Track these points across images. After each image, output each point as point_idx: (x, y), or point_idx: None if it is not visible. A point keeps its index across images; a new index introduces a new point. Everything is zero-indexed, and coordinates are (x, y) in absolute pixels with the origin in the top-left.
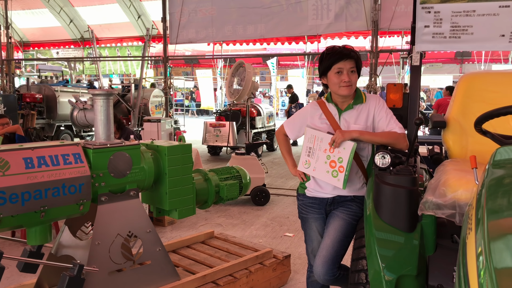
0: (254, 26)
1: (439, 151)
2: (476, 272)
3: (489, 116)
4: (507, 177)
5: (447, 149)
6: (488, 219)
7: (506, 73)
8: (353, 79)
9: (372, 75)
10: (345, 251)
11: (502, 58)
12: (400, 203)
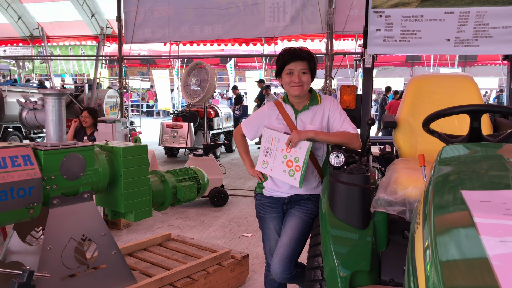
0: (211, 27)
1: (390, 150)
2: (423, 265)
3: (436, 116)
4: (452, 174)
5: (397, 148)
6: (435, 214)
7: (452, 76)
8: (304, 79)
9: (327, 77)
10: (302, 249)
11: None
12: (353, 201)
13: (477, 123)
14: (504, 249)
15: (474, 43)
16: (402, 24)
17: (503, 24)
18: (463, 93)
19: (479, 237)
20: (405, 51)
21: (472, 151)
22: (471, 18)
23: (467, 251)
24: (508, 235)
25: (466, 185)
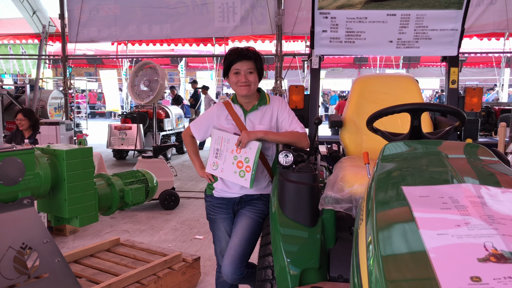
0: (160, 26)
1: (337, 149)
2: (366, 260)
3: (378, 115)
4: (394, 171)
5: (344, 147)
6: (377, 210)
7: (394, 76)
8: (251, 79)
9: (278, 78)
10: (253, 249)
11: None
12: (302, 199)
13: (417, 121)
14: (441, 242)
15: (415, 45)
16: (347, 25)
17: (441, 27)
18: (405, 92)
19: (418, 231)
20: (351, 51)
21: (412, 148)
22: (411, 21)
23: (407, 245)
24: (445, 228)
25: (406, 181)
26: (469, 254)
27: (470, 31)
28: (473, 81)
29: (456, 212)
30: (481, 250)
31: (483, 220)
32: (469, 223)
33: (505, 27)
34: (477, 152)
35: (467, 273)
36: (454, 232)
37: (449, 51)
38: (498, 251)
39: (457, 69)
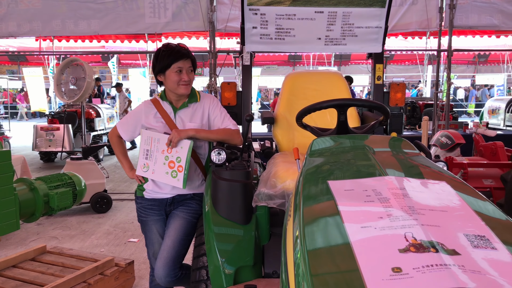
0: (87, 21)
1: (270, 145)
2: (292, 254)
3: (306, 111)
4: (320, 166)
5: (277, 143)
6: (304, 205)
7: (323, 73)
8: (191, 78)
9: (212, 75)
10: (186, 251)
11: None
12: (236, 197)
13: (344, 116)
14: (364, 234)
15: (342, 42)
16: (277, 22)
17: (366, 25)
18: (334, 88)
19: (343, 224)
20: (281, 48)
21: (338, 143)
22: (338, 18)
23: (333, 239)
24: (368, 221)
25: (333, 175)
26: (391, 245)
27: (395, 30)
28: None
29: (379, 204)
30: (402, 241)
31: (404, 212)
32: (391, 215)
33: (426, 26)
34: (399, 146)
35: (388, 264)
36: (377, 224)
37: (374, 48)
38: (417, 241)
39: (382, 66)
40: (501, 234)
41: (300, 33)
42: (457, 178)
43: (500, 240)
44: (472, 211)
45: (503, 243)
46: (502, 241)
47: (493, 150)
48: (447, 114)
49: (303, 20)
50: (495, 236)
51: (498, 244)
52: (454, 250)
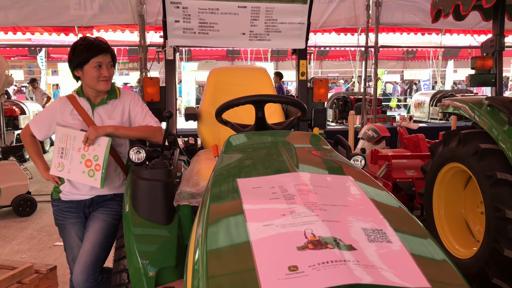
0: (5, 12)
1: (193, 142)
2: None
3: (225, 107)
4: (232, 163)
5: (202, 140)
6: (210, 204)
7: (248, 68)
8: (111, 73)
9: (143, 69)
10: (107, 254)
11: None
12: (156, 197)
13: (261, 112)
14: (265, 233)
15: (267, 37)
16: (200, 16)
17: (289, 20)
18: (258, 84)
19: (245, 223)
20: (205, 43)
21: (253, 139)
22: (261, 13)
23: (233, 239)
24: (270, 219)
25: (243, 173)
26: (290, 243)
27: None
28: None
29: (283, 201)
30: (301, 238)
31: (307, 208)
32: (294, 212)
33: (354, 22)
34: (314, 141)
35: (285, 263)
36: (279, 222)
37: (298, 44)
38: (316, 237)
39: (305, 62)
40: (398, 227)
41: (224, 28)
42: (363, 172)
43: (395, 233)
44: (372, 205)
45: (399, 236)
46: (398, 234)
47: (416, 142)
48: (375, 108)
49: (226, 15)
50: (391, 229)
51: (394, 237)
52: (351, 245)
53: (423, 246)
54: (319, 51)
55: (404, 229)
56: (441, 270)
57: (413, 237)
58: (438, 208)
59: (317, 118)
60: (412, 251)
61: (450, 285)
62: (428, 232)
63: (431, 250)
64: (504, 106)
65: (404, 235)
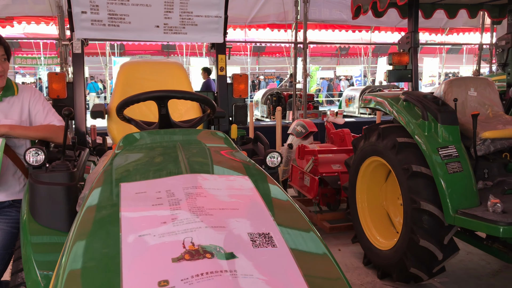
0: None
1: (101, 141)
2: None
3: (125, 104)
4: (121, 165)
5: (112, 138)
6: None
7: (162, 63)
8: (5, 67)
9: (63, 64)
10: (6, 266)
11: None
12: (57, 202)
13: (165, 109)
14: (140, 245)
15: (182, 31)
16: (109, 7)
17: (205, 13)
18: (173, 79)
19: (119, 234)
20: (116, 36)
21: (150, 138)
22: (176, 6)
23: (102, 253)
24: (149, 227)
25: (129, 176)
26: (165, 255)
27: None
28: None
29: (167, 207)
30: (178, 248)
31: (192, 213)
32: (176, 218)
33: (283, 18)
34: (218, 140)
35: (156, 278)
36: (157, 231)
37: (216, 38)
38: (195, 246)
39: (224, 56)
40: (286, 228)
41: (136, 20)
42: (262, 171)
43: (282, 236)
44: (264, 206)
45: (285, 238)
46: (285, 236)
47: (341, 137)
48: (305, 103)
49: (138, 6)
50: (279, 232)
51: (280, 241)
52: (232, 253)
53: (308, 244)
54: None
55: (292, 229)
56: (322, 265)
57: (300, 236)
58: (361, 201)
59: (238, 115)
60: (296, 251)
61: (328, 279)
62: (314, 230)
63: (316, 247)
64: (418, 101)
65: (291, 236)
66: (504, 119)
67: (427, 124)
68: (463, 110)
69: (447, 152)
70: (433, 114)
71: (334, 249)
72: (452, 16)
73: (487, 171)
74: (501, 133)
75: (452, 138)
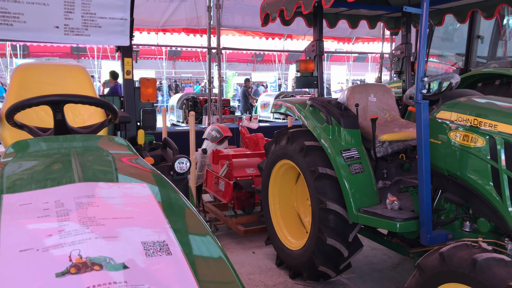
0: None
1: None
2: None
3: (14, 109)
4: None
5: (4, 146)
6: None
7: (62, 66)
8: None
9: None
10: None
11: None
12: None
13: (61, 114)
14: (19, 262)
15: (85, 32)
16: (1, 5)
17: (110, 15)
18: (74, 83)
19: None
20: (9, 36)
21: (41, 146)
22: (77, 6)
23: None
24: (32, 242)
25: (12, 187)
26: (49, 270)
27: (166, 25)
28: (187, 74)
29: (54, 219)
30: (64, 262)
31: (82, 224)
32: (63, 230)
33: (197, 23)
34: (117, 147)
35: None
36: (41, 245)
37: (121, 41)
38: (82, 259)
39: (131, 60)
40: (183, 234)
41: (33, 19)
42: (164, 178)
43: (178, 242)
44: (162, 214)
45: (181, 245)
46: (181, 242)
47: (255, 141)
48: (220, 108)
49: (34, 5)
50: (175, 239)
51: (176, 248)
52: (123, 264)
53: (204, 249)
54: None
55: (189, 235)
56: (217, 270)
57: (196, 242)
58: (273, 203)
59: (146, 120)
60: (192, 257)
61: (222, 283)
62: (211, 234)
63: (211, 251)
64: (323, 106)
65: (187, 242)
66: (400, 122)
67: (331, 128)
68: (364, 114)
69: (350, 154)
70: (336, 119)
71: (248, 251)
72: (354, 26)
73: (386, 171)
74: (397, 135)
75: (354, 141)
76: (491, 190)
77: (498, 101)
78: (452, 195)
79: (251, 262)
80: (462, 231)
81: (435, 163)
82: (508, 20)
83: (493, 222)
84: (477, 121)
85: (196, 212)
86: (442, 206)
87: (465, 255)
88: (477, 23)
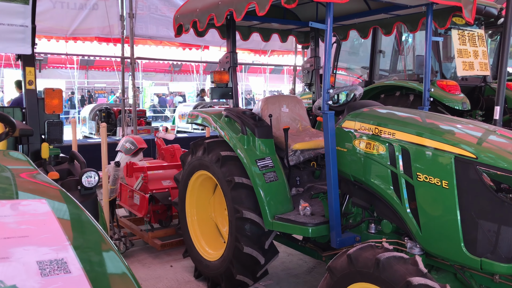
0: None
1: None
2: None
3: None
4: None
5: None
6: None
7: None
8: None
9: None
10: None
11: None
12: None
13: None
14: None
15: None
16: None
17: (9, 22)
18: None
19: None
20: None
21: None
22: None
23: None
24: None
25: None
26: None
27: (76, 34)
28: (101, 83)
29: None
30: None
31: None
32: None
33: (109, 32)
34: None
35: None
36: None
37: (22, 49)
38: None
39: (33, 69)
40: (83, 250)
41: None
42: (65, 193)
43: (78, 259)
44: (60, 230)
45: (82, 262)
46: (81, 259)
47: (172, 153)
48: (135, 119)
49: None
50: (76, 257)
51: (75, 266)
52: (14, 286)
53: (107, 265)
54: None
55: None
56: (121, 286)
57: (99, 258)
58: (191, 214)
59: (51, 132)
60: (93, 275)
61: None
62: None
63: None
64: (238, 117)
65: (89, 259)
66: (310, 132)
67: (246, 138)
68: (277, 124)
69: (264, 163)
70: (251, 129)
71: (166, 265)
72: (266, 39)
73: (299, 178)
74: (308, 144)
75: (268, 150)
76: (392, 194)
77: (397, 111)
78: (359, 199)
79: (169, 276)
80: (368, 233)
81: (342, 170)
82: (406, 37)
83: (395, 223)
84: (378, 130)
85: (99, 227)
86: (350, 210)
87: (370, 256)
88: (379, 38)
